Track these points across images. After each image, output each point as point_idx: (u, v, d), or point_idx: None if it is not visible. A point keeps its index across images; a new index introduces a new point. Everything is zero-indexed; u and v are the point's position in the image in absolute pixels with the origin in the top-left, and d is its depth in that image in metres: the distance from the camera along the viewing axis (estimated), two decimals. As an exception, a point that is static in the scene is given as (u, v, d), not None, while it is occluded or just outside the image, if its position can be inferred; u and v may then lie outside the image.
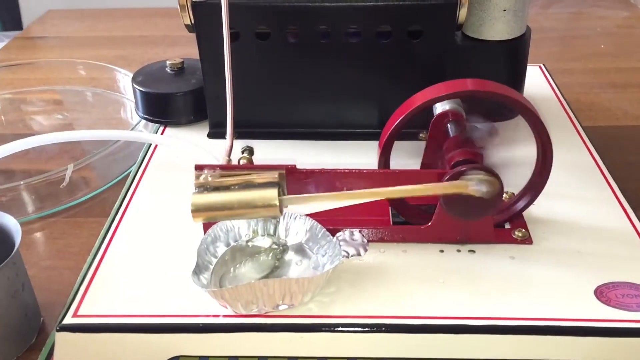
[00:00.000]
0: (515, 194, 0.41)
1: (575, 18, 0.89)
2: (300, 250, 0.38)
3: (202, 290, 0.34)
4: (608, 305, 0.35)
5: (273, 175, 0.36)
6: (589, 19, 0.88)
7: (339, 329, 0.35)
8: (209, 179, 0.36)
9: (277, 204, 0.35)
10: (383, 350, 0.35)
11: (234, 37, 0.47)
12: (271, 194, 0.36)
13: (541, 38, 0.78)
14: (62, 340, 0.35)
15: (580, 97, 0.66)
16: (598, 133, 0.53)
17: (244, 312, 0.35)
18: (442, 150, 0.40)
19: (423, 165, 0.43)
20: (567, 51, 0.79)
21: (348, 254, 0.36)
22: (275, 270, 0.38)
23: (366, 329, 0.34)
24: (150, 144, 0.51)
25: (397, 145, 0.40)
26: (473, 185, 0.36)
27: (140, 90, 0.53)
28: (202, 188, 0.36)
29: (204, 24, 0.48)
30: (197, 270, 0.36)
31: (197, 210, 0.36)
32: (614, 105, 0.65)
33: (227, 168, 0.37)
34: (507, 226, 0.41)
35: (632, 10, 0.90)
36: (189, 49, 0.77)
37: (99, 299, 0.37)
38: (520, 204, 0.41)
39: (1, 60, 0.78)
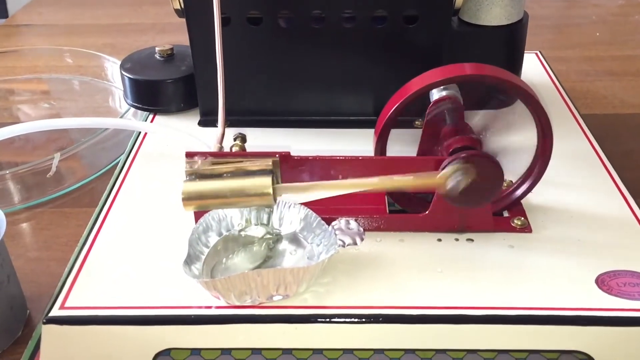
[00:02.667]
0: (514, 181, 0.40)
1: (569, 6, 0.88)
2: (294, 239, 0.37)
3: (193, 281, 0.33)
4: (609, 294, 0.34)
5: (266, 163, 0.35)
6: (584, 6, 0.88)
7: (335, 320, 0.34)
8: (200, 166, 0.35)
9: (271, 192, 0.34)
10: (380, 342, 0.34)
11: (224, 22, 0.46)
12: (265, 182, 0.35)
13: (536, 26, 0.77)
14: (49, 333, 0.34)
15: (575, 85, 0.66)
16: (594, 121, 0.52)
17: (237, 303, 0.34)
18: (439, 137, 0.39)
19: (420, 153, 0.42)
20: (562, 39, 0.78)
21: (344, 243, 0.35)
22: (268, 260, 0.37)
23: (363, 320, 0.34)
24: (140, 133, 0.50)
25: (393, 133, 0.39)
26: (450, 181, 0.35)
27: (128, 78, 0.52)
28: (193, 176, 0.35)
29: (194, 9, 0.47)
30: (189, 261, 0.35)
31: (188, 198, 0.35)
32: (610, 93, 0.64)
33: (219, 155, 0.36)
34: (506, 214, 0.40)
35: (627, -2, 0.89)
36: (178, 37, 0.76)
37: (87, 291, 0.35)
38: (519, 192, 0.40)
39: (-14, 49, 0.76)
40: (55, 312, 0.34)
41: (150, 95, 0.52)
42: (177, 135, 0.48)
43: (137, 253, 0.38)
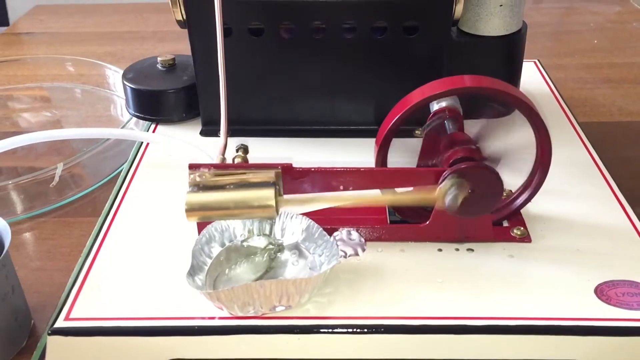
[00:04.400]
0: (513, 191, 0.41)
1: (567, 13, 0.89)
2: (296, 250, 0.38)
3: (197, 292, 0.34)
4: (608, 303, 0.35)
5: (269, 175, 0.36)
6: (582, 14, 0.88)
7: (337, 330, 0.34)
8: (204, 178, 0.36)
9: (274, 204, 0.35)
10: (382, 352, 0.34)
11: (226, 33, 0.47)
12: (267, 194, 0.35)
13: (534, 33, 0.77)
14: (54, 345, 0.34)
15: (574, 92, 0.66)
16: (593, 129, 0.53)
17: (240, 314, 0.34)
18: (439, 147, 0.40)
19: (420, 164, 0.42)
20: (560, 46, 0.79)
21: (346, 253, 0.35)
22: (270, 270, 0.37)
23: (364, 330, 0.34)
24: (142, 142, 0.51)
25: (394, 142, 0.40)
26: (447, 196, 0.36)
27: (131, 88, 0.52)
28: (197, 187, 0.36)
29: (196, 20, 0.47)
30: (192, 272, 0.35)
31: (191, 209, 0.35)
32: (608, 101, 0.65)
33: (222, 167, 0.36)
34: (506, 224, 0.41)
35: (625, 5, 0.90)
36: (179, 45, 0.76)
37: (91, 302, 0.36)
38: (519, 202, 0.40)
39: (-13, 57, 0.77)
40: (60, 323, 0.34)
41: (153, 105, 0.53)
42: (180, 146, 0.49)
43: (141, 264, 0.38)
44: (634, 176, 0.52)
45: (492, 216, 0.39)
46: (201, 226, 0.38)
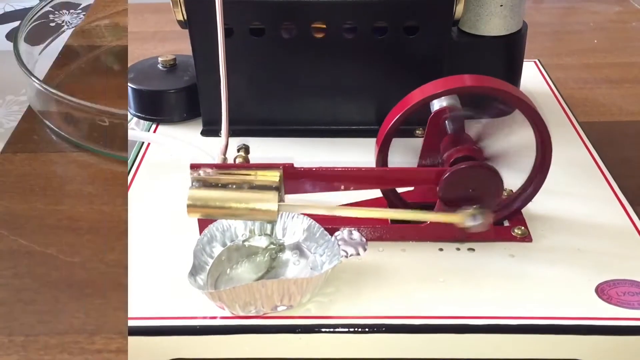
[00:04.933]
0: (514, 191, 0.41)
1: (568, 13, 0.89)
2: (297, 249, 0.38)
3: (199, 292, 0.34)
4: (609, 303, 0.35)
5: (272, 179, 0.36)
6: (582, 13, 0.88)
7: (339, 329, 0.34)
8: (206, 176, 0.36)
9: (276, 209, 0.35)
10: (383, 351, 0.34)
11: (227, 33, 0.46)
12: (270, 198, 0.35)
13: (534, 33, 0.77)
14: (56, 344, 0.34)
15: (574, 92, 0.66)
16: (593, 129, 0.53)
17: (241, 314, 0.34)
18: (440, 147, 0.40)
19: (421, 163, 0.42)
20: (560, 46, 0.79)
21: (347, 253, 0.35)
22: (272, 270, 0.37)
23: (366, 330, 0.34)
24: (143, 142, 0.51)
25: (394, 142, 0.40)
26: (468, 220, 0.36)
27: (131, 88, 0.53)
28: (199, 183, 0.36)
29: (197, 20, 0.47)
30: (194, 272, 0.35)
31: (193, 205, 0.35)
32: (608, 100, 0.65)
33: (224, 167, 0.37)
34: (506, 224, 0.41)
35: (625, 5, 0.90)
36: (180, 45, 0.76)
37: (93, 302, 0.36)
38: (519, 201, 0.40)
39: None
40: (62, 323, 0.34)
41: (153, 105, 0.53)
42: (181, 146, 0.49)
43: (142, 263, 0.38)
44: (635, 176, 0.52)
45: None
46: (202, 226, 0.38)
